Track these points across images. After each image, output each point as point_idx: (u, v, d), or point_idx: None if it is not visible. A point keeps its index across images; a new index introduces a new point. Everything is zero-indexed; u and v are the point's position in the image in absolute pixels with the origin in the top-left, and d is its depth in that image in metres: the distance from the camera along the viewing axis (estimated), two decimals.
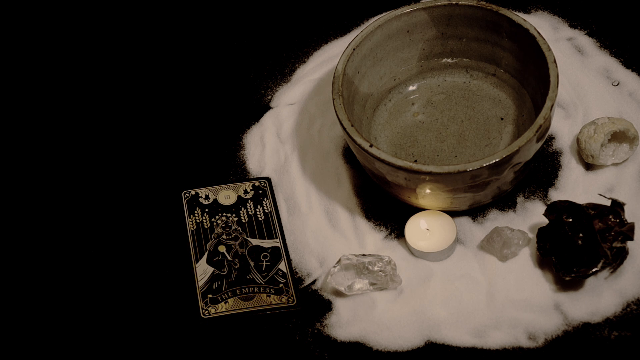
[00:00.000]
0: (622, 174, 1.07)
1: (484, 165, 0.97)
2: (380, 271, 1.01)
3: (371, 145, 1.00)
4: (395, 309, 1.02)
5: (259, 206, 1.11)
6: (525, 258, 1.03)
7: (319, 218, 1.10)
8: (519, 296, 1.00)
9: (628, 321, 0.98)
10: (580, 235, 0.97)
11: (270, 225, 1.10)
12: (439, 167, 0.97)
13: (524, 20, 1.06)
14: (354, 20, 1.28)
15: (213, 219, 1.10)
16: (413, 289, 1.03)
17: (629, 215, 1.03)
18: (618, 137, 1.07)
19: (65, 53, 1.31)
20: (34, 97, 1.26)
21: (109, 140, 1.20)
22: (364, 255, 1.03)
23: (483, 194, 1.02)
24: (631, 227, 0.98)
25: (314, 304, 1.04)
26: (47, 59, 1.30)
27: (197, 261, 1.07)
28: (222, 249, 1.08)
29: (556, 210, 1.00)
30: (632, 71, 1.16)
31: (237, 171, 1.16)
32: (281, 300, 1.03)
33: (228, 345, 1.02)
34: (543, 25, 1.22)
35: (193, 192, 1.13)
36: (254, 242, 1.08)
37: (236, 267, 1.06)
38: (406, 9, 1.10)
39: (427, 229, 1.05)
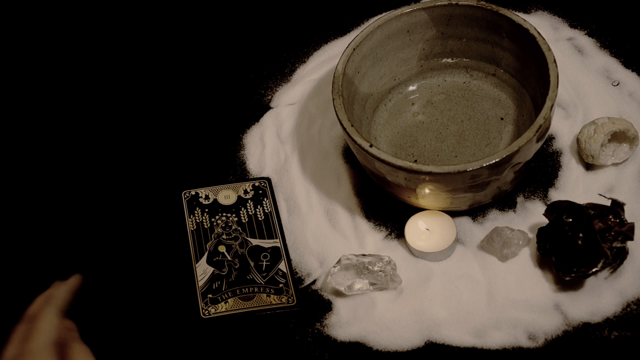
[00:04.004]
0: (622, 174, 1.07)
1: (484, 165, 0.96)
2: (380, 271, 1.01)
3: (371, 145, 1.00)
4: (395, 309, 1.02)
5: (259, 206, 1.11)
6: (525, 258, 1.03)
7: (319, 218, 1.10)
8: (519, 296, 1.00)
9: (628, 321, 0.98)
10: (580, 235, 0.97)
11: (270, 225, 1.10)
12: (439, 167, 0.97)
13: (524, 20, 1.06)
14: (354, 20, 1.28)
15: (213, 219, 1.10)
16: (413, 289, 1.03)
17: (629, 215, 1.03)
18: (618, 137, 1.07)
19: (65, 53, 1.31)
20: (34, 98, 1.26)
21: (109, 141, 1.20)
22: (364, 255, 1.03)
23: (483, 194, 1.02)
24: (631, 227, 0.98)
25: (314, 304, 1.04)
26: (48, 60, 1.30)
27: (197, 261, 1.07)
28: (222, 249, 1.08)
29: (556, 210, 1.00)
30: (632, 71, 1.16)
31: (237, 171, 1.16)
32: (281, 300, 1.03)
33: (228, 345, 1.02)
34: (543, 25, 1.22)
35: (193, 192, 1.13)
36: (254, 242, 1.08)
37: (236, 267, 1.06)
38: (406, 9, 1.10)
39: (427, 229, 1.05)
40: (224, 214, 1.11)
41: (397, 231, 1.08)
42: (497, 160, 0.97)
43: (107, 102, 1.24)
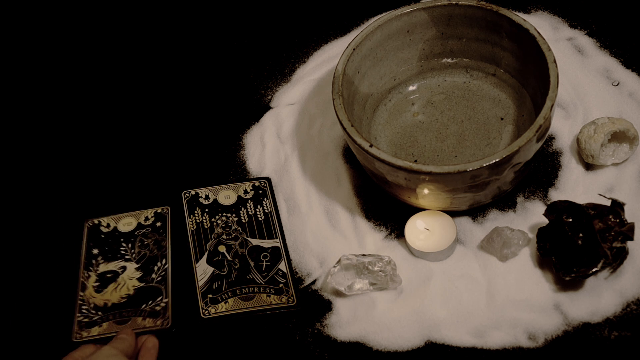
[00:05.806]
0: (622, 174, 1.07)
1: (484, 165, 0.96)
2: (380, 271, 1.01)
3: (371, 145, 1.00)
4: (395, 309, 1.02)
5: (259, 206, 1.11)
6: (525, 258, 1.03)
7: (319, 218, 1.10)
8: (519, 296, 1.00)
9: (628, 321, 0.98)
10: (580, 235, 0.97)
11: (270, 225, 1.10)
12: (439, 167, 0.97)
13: (524, 20, 1.06)
14: (354, 20, 1.28)
15: (213, 219, 1.10)
16: (413, 289, 1.03)
17: (629, 215, 1.03)
18: (618, 137, 1.07)
19: (66, 54, 1.31)
20: (34, 98, 1.26)
21: (109, 141, 1.20)
22: (364, 255, 1.03)
23: (483, 194, 1.02)
24: (631, 227, 0.98)
25: (314, 304, 1.04)
26: (48, 60, 1.30)
27: (197, 261, 1.07)
28: (222, 249, 1.08)
29: (556, 210, 1.00)
30: (632, 71, 1.16)
31: (237, 171, 1.16)
32: (281, 300, 1.03)
33: (228, 345, 1.02)
34: (543, 25, 1.22)
35: (193, 192, 1.13)
36: (254, 242, 1.08)
37: (236, 267, 1.06)
38: (406, 9, 1.10)
39: (427, 229, 1.05)
40: (224, 214, 1.11)
41: (397, 231, 1.08)
42: (497, 160, 0.97)
43: (108, 103, 1.24)
